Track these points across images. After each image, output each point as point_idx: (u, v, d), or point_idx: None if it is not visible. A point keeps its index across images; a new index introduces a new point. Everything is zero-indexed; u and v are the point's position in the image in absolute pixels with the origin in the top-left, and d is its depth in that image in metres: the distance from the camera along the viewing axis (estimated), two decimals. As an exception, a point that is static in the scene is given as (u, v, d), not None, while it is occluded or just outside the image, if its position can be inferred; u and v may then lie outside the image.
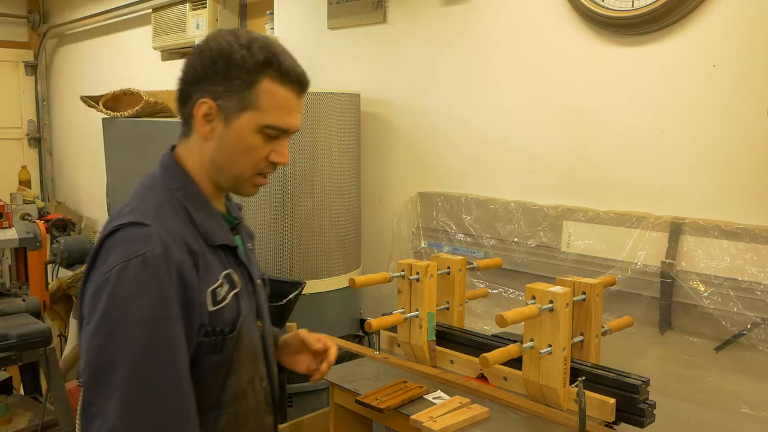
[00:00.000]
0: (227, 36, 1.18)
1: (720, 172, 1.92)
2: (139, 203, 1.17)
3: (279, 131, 1.19)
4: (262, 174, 1.22)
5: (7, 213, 3.31)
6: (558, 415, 1.65)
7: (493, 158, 2.48)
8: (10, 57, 5.78)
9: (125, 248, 1.08)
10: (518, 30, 2.36)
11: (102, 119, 3.63)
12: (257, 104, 1.16)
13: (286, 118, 1.19)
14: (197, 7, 3.71)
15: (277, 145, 1.21)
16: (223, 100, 1.16)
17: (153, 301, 1.06)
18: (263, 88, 1.16)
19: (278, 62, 1.17)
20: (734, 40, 1.86)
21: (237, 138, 1.18)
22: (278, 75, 1.17)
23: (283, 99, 1.18)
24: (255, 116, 1.17)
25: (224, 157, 1.20)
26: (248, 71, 1.15)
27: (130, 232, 1.10)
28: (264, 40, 1.19)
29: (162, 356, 1.05)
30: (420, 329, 1.95)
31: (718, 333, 1.89)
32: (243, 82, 1.15)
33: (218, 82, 1.16)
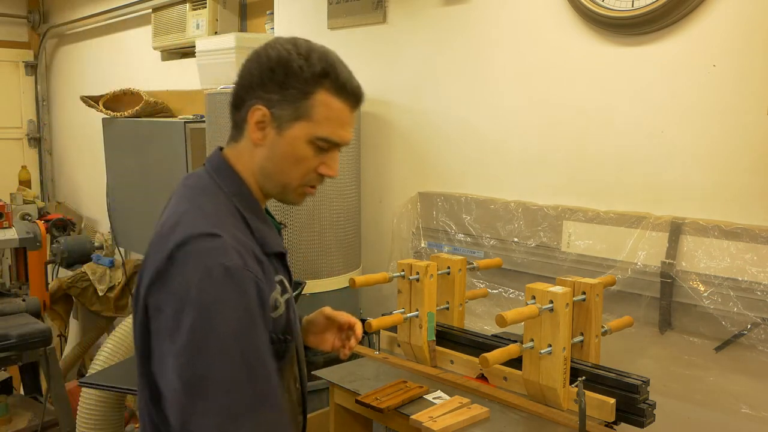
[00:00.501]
0: (286, 44, 1.17)
1: (720, 172, 1.92)
2: (199, 210, 1.15)
3: (331, 144, 1.19)
4: (309, 185, 1.23)
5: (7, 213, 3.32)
6: (558, 415, 1.65)
7: (493, 158, 2.48)
8: (10, 57, 5.78)
9: (204, 260, 1.05)
10: (518, 30, 2.36)
11: (102, 119, 3.63)
12: (311, 115, 1.16)
13: (339, 131, 1.19)
14: (197, 7, 3.71)
15: (327, 158, 1.20)
16: (278, 108, 1.16)
17: (240, 311, 1.05)
18: (318, 100, 1.16)
19: (335, 74, 1.17)
20: (734, 40, 1.86)
21: (288, 147, 1.17)
22: (334, 87, 1.17)
23: (338, 112, 1.18)
24: (308, 127, 1.16)
25: (274, 166, 1.19)
26: (305, 81, 1.15)
27: (204, 243, 1.07)
28: (322, 51, 1.19)
29: (255, 367, 1.05)
30: (420, 329, 1.95)
31: (718, 333, 1.89)
32: (299, 92, 1.15)
33: (274, 90, 1.15)
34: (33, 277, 3.47)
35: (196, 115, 3.25)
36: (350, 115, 1.21)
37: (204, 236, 1.08)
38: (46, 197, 5.86)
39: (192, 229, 1.09)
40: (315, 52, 1.17)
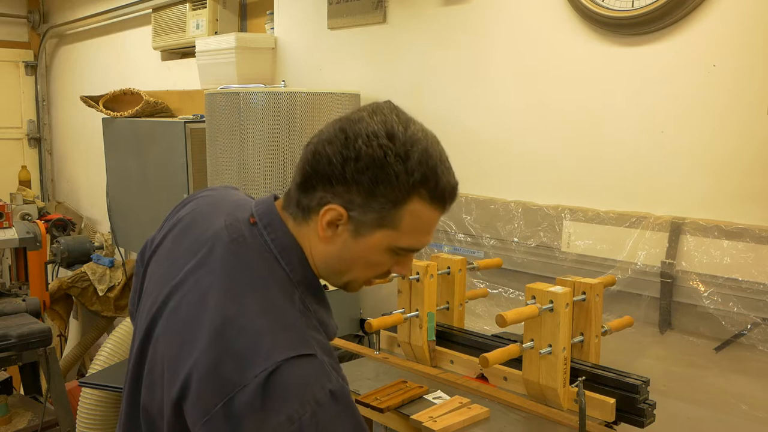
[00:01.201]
0: (381, 136, 0.98)
1: (720, 171, 1.92)
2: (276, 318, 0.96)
3: (409, 251, 1.06)
4: (374, 280, 1.10)
5: (7, 213, 3.32)
6: (558, 415, 1.65)
7: (493, 158, 2.48)
8: (10, 57, 5.78)
9: (307, 388, 0.90)
10: (518, 30, 2.36)
11: (102, 119, 3.63)
12: (397, 224, 1.00)
13: (425, 238, 1.05)
14: (197, 7, 3.71)
15: (404, 260, 1.07)
16: (359, 213, 0.99)
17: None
18: (410, 210, 1.00)
19: (435, 180, 1.01)
20: (734, 40, 1.86)
21: (364, 253, 1.03)
22: (431, 195, 1.01)
23: (429, 221, 1.03)
24: (391, 236, 1.01)
25: (342, 265, 1.05)
26: (399, 190, 0.98)
27: (302, 368, 0.92)
28: (423, 145, 1.01)
29: None
30: (420, 329, 1.95)
31: (718, 333, 1.89)
32: (388, 201, 0.98)
33: (359, 193, 0.97)
34: (33, 277, 3.47)
35: (196, 115, 3.25)
36: (437, 219, 1.05)
37: (298, 359, 0.92)
38: (46, 197, 5.86)
39: (280, 354, 0.91)
40: (415, 150, 0.99)
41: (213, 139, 2.65)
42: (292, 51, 3.25)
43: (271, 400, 0.88)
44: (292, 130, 2.56)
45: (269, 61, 3.31)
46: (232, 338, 0.93)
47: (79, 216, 5.33)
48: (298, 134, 2.57)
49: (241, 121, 2.55)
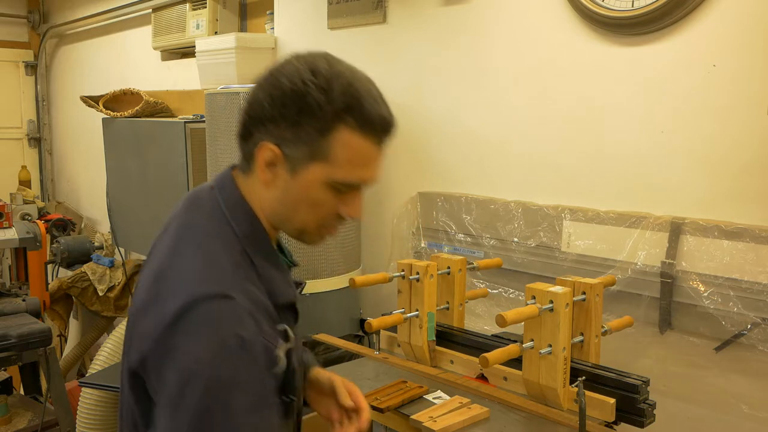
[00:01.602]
0: (305, 72, 1.01)
1: (720, 171, 1.92)
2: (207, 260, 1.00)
3: (349, 187, 1.05)
4: (329, 226, 1.09)
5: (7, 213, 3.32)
6: (558, 415, 1.65)
7: (493, 158, 2.48)
8: (10, 57, 5.78)
9: (217, 329, 0.93)
10: (518, 30, 2.36)
11: (102, 119, 3.63)
12: (329, 156, 1.00)
13: (362, 171, 1.05)
14: (197, 7, 3.71)
15: (349, 198, 1.06)
16: (290, 148, 1.01)
17: (254, 389, 0.95)
18: (338, 139, 1.00)
19: (360, 108, 1.01)
20: (734, 40, 1.86)
21: (303, 191, 1.03)
22: (358, 123, 1.01)
23: (361, 151, 1.03)
24: (325, 169, 1.01)
25: (288, 210, 1.06)
26: (323, 119, 0.99)
27: (217, 308, 0.95)
28: (347, 78, 1.03)
29: None
30: (420, 329, 1.95)
31: (718, 333, 1.89)
32: (315, 130, 0.99)
33: (286, 127, 1.00)
34: (33, 277, 3.47)
35: (196, 115, 3.25)
36: (376, 152, 1.05)
37: (214, 299, 0.95)
38: (46, 197, 5.86)
39: (198, 289, 0.95)
40: (337, 81, 1.01)
41: (213, 139, 2.65)
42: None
43: (179, 336, 0.92)
44: (292, 130, 2.55)
45: (269, 61, 3.28)
46: (162, 283, 0.98)
47: (79, 216, 5.33)
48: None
49: (241, 121, 2.54)
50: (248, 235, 1.05)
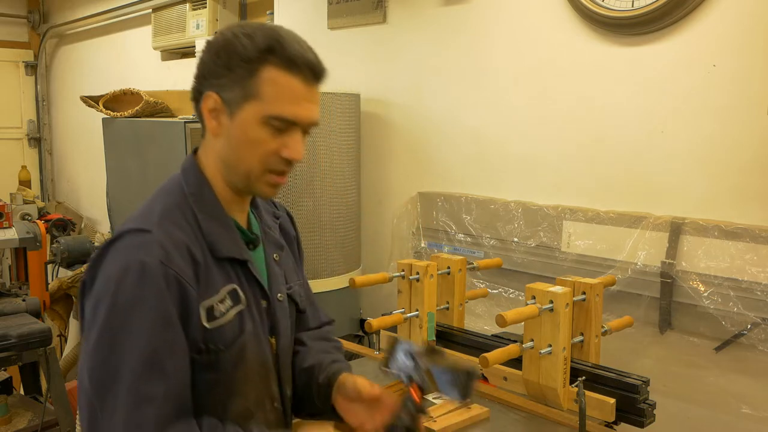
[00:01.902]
0: (235, 27, 1.11)
1: (720, 171, 1.92)
2: (148, 209, 1.13)
3: (286, 123, 1.10)
4: (274, 171, 1.13)
5: (7, 213, 3.31)
6: (558, 415, 1.65)
7: (493, 158, 2.48)
8: (10, 57, 5.78)
9: (125, 256, 1.04)
10: (518, 30, 2.36)
11: (102, 119, 3.62)
12: (260, 94, 1.08)
13: (293, 107, 1.10)
14: (197, 7, 3.71)
15: (288, 139, 1.11)
16: (227, 92, 1.10)
17: (153, 309, 1.02)
18: (265, 77, 1.08)
19: (282, 48, 1.08)
20: (734, 40, 1.86)
21: (241, 131, 1.10)
22: (282, 62, 1.08)
23: (288, 87, 1.09)
24: (258, 106, 1.09)
25: (232, 154, 1.13)
26: (249, 59, 1.08)
27: (131, 239, 1.07)
28: (271, 28, 1.10)
29: (164, 366, 1.02)
30: (420, 329, 1.95)
31: (718, 333, 1.89)
32: (244, 71, 1.08)
33: (222, 74, 1.10)
34: (33, 277, 3.46)
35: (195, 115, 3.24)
36: (306, 91, 1.10)
37: (134, 232, 1.07)
38: (46, 197, 5.86)
39: (127, 226, 1.08)
40: (261, 30, 1.10)
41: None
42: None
43: (103, 261, 1.06)
44: (292, 130, 2.56)
45: (269, 61, 3.30)
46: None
47: (79, 216, 5.33)
48: (298, 134, 2.57)
49: (241, 121, 2.54)
50: (195, 193, 1.15)
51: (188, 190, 1.15)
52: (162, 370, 1.01)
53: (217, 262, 1.13)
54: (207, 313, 1.09)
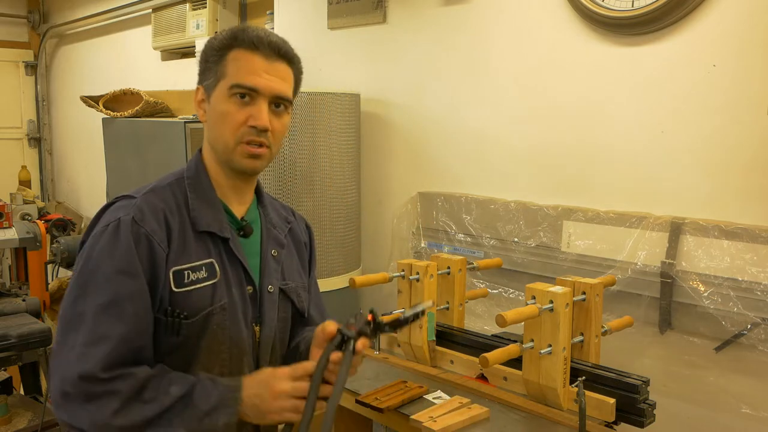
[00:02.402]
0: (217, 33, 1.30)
1: (720, 171, 1.92)
2: (146, 184, 1.27)
3: (246, 90, 1.21)
4: (247, 142, 1.23)
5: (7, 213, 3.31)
6: (558, 415, 1.65)
7: (493, 158, 2.48)
8: (10, 57, 5.78)
9: (109, 216, 1.20)
10: (518, 30, 2.36)
11: (102, 119, 3.62)
12: (226, 72, 1.22)
13: (252, 77, 1.21)
14: (197, 7, 3.71)
15: (253, 109, 1.22)
16: (206, 81, 1.26)
17: (118, 260, 1.14)
18: (230, 58, 1.23)
19: (244, 33, 1.23)
20: (734, 40, 1.86)
21: (215, 109, 1.24)
22: (245, 43, 1.22)
23: (248, 61, 1.22)
24: (225, 83, 1.22)
25: (211, 133, 1.27)
26: (219, 48, 1.24)
27: (119, 203, 1.22)
28: (240, 25, 1.26)
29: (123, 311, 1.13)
30: (420, 329, 1.95)
31: (718, 333, 1.89)
32: (216, 58, 1.24)
33: (203, 68, 1.27)
34: (33, 277, 3.47)
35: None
36: (267, 64, 1.23)
37: (123, 198, 1.23)
38: (46, 197, 5.86)
39: (121, 194, 1.24)
40: (232, 27, 1.26)
41: (213, 139, 2.65)
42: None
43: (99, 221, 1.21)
44: (292, 130, 2.56)
45: (269, 61, 3.30)
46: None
47: (79, 216, 5.33)
48: (298, 134, 2.56)
49: (241, 121, 2.54)
50: (191, 176, 1.29)
51: (187, 174, 1.29)
52: (120, 314, 1.13)
53: (197, 235, 1.23)
54: (175, 277, 1.18)
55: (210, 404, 1.14)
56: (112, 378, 1.11)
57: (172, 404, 1.12)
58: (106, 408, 1.10)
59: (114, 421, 1.10)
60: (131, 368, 1.13)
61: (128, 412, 1.10)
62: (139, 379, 1.12)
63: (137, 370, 1.13)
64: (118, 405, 1.10)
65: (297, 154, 2.56)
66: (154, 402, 1.12)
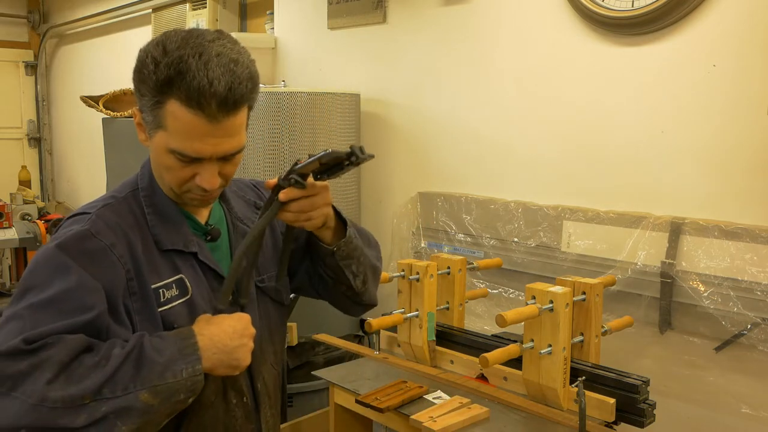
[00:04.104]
0: (153, 44, 1.07)
1: (720, 171, 1.91)
2: (98, 199, 1.21)
3: (187, 157, 1.08)
4: (192, 193, 1.14)
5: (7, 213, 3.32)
6: (558, 415, 1.65)
7: (493, 158, 2.48)
8: (10, 57, 5.78)
9: (60, 232, 1.12)
10: (518, 30, 2.36)
11: (102, 119, 3.63)
12: (165, 125, 1.07)
13: (193, 144, 1.06)
14: (197, 7, 3.71)
15: (200, 168, 1.10)
16: (144, 114, 1.11)
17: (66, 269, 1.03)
18: (169, 110, 1.05)
19: (182, 82, 1.02)
20: (734, 40, 1.86)
21: (156, 155, 1.13)
22: (183, 96, 1.03)
23: (188, 124, 1.04)
24: (165, 137, 1.08)
25: (155, 170, 1.18)
26: (153, 90, 1.05)
27: (72, 218, 1.15)
28: (180, 54, 1.03)
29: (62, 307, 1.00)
30: (420, 329, 1.95)
31: (718, 333, 1.89)
32: (150, 101, 1.07)
33: (139, 95, 1.10)
34: (33, 277, 3.46)
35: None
36: (209, 126, 1.05)
37: (74, 215, 1.15)
38: (46, 197, 5.86)
39: (71, 213, 1.18)
40: (172, 56, 1.03)
41: (213, 139, 2.65)
42: (292, 51, 3.25)
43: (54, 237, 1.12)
44: (292, 130, 2.56)
45: (269, 61, 3.31)
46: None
47: (79, 216, 5.32)
48: (298, 134, 2.56)
49: (241, 121, 2.54)
50: (146, 188, 1.19)
51: (141, 185, 1.20)
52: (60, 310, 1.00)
53: (163, 252, 1.15)
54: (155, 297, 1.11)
55: (166, 356, 1.01)
56: (38, 348, 0.95)
57: (120, 364, 0.97)
58: (37, 380, 0.93)
59: (50, 393, 0.92)
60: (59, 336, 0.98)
61: (67, 381, 0.94)
62: (72, 342, 0.97)
63: (67, 335, 0.98)
64: (51, 374, 0.93)
65: (297, 154, 2.56)
66: (98, 367, 0.96)
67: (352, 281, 1.33)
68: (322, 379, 1.95)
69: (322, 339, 2.22)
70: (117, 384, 0.96)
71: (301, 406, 2.54)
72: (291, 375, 2.56)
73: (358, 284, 1.34)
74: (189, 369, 1.02)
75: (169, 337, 1.05)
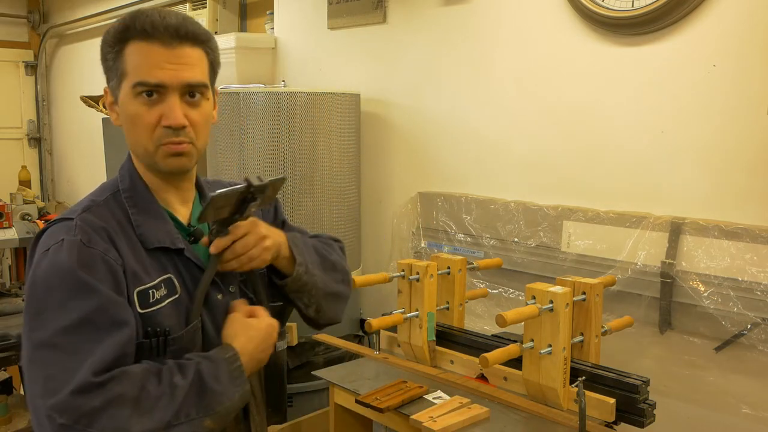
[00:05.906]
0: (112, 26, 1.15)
1: (720, 171, 1.92)
2: (78, 203, 1.18)
3: (151, 87, 1.10)
4: (164, 143, 1.13)
5: (7, 213, 3.32)
6: (558, 415, 1.65)
7: (493, 158, 2.48)
8: (10, 57, 5.78)
9: (46, 240, 1.10)
10: (518, 30, 2.36)
11: (102, 119, 3.63)
12: (126, 70, 1.12)
13: (153, 71, 1.10)
14: (197, 7, 3.71)
15: (164, 107, 1.12)
16: (111, 82, 1.15)
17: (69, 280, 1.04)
18: (127, 52, 1.11)
19: (135, 22, 1.11)
20: (734, 40, 1.86)
21: (124, 112, 1.14)
22: (139, 34, 1.10)
23: (146, 53, 1.10)
24: (127, 82, 1.12)
25: (128, 138, 1.17)
26: (113, 44, 1.13)
27: (54, 227, 1.12)
28: (134, 11, 1.13)
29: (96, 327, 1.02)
30: (420, 329, 1.95)
31: (718, 333, 1.89)
32: (113, 56, 1.13)
33: (106, 68, 1.16)
34: (33, 277, 3.46)
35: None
36: (167, 53, 1.10)
37: (57, 221, 1.13)
38: (46, 197, 5.86)
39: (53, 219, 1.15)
40: (123, 17, 1.13)
41: (213, 139, 2.65)
42: (292, 51, 3.25)
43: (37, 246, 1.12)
44: (291, 130, 2.56)
45: (269, 61, 3.31)
46: None
47: (79, 216, 5.32)
48: (298, 134, 2.57)
49: (241, 121, 2.55)
50: (127, 189, 1.19)
51: (122, 187, 1.19)
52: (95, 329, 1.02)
53: (150, 252, 1.15)
54: (140, 298, 1.11)
55: (222, 383, 1.07)
56: (107, 381, 0.99)
57: (185, 396, 1.03)
58: (115, 417, 0.97)
59: (132, 428, 0.98)
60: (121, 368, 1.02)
61: (141, 414, 0.99)
62: (137, 374, 1.02)
63: (128, 368, 1.02)
64: (129, 409, 0.98)
65: (297, 154, 2.56)
66: (165, 397, 1.01)
67: (303, 310, 1.40)
68: (322, 379, 1.95)
69: (322, 339, 2.22)
70: (182, 413, 1.03)
71: (301, 406, 2.54)
72: (291, 375, 2.56)
73: (311, 312, 1.41)
74: (240, 391, 1.11)
75: (219, 360, 1.11)
